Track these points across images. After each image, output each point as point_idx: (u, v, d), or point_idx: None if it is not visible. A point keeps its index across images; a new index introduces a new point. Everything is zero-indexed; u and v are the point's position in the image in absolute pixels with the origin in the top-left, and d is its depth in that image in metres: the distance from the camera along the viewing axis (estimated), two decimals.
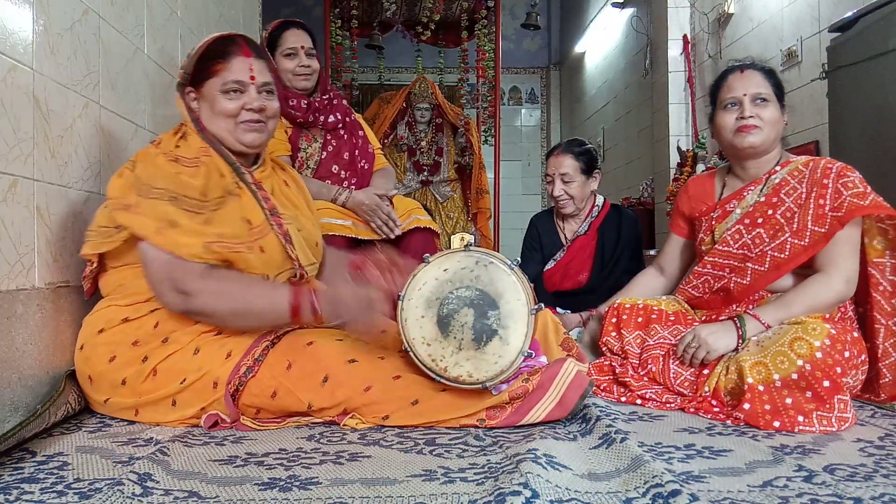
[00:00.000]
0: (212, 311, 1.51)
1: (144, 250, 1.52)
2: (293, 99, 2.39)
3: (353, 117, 2.55)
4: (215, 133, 1.66)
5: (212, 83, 1.64)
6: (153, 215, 1.49)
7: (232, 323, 1.54)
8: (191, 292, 1.49)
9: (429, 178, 4.89)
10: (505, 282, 1.47)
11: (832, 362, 1.48)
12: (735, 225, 1.86)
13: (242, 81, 1.64)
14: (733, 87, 1.85)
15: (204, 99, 1.66)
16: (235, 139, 1.66)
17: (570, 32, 6.91)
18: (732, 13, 3.69)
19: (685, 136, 4.10)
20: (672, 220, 2.12)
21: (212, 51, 1.65)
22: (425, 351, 1.46)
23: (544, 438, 1.33)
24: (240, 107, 1.64)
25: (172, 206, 1.51)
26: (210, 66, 1.64)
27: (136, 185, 1.53)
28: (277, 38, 2.41)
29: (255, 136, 1.68)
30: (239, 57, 1.65)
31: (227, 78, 1.63)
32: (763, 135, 1.82)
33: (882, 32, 2.12)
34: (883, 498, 1.03)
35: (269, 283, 1.59)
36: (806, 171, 1.80)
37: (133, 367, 1.53)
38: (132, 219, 1.51)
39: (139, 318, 1.57)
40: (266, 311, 1.52)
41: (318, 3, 6.45)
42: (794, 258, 1.76)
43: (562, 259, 2.64)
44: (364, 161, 2.50)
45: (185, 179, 1.54)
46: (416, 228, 2.35)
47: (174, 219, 1.50)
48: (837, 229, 1.69)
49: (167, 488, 1.09)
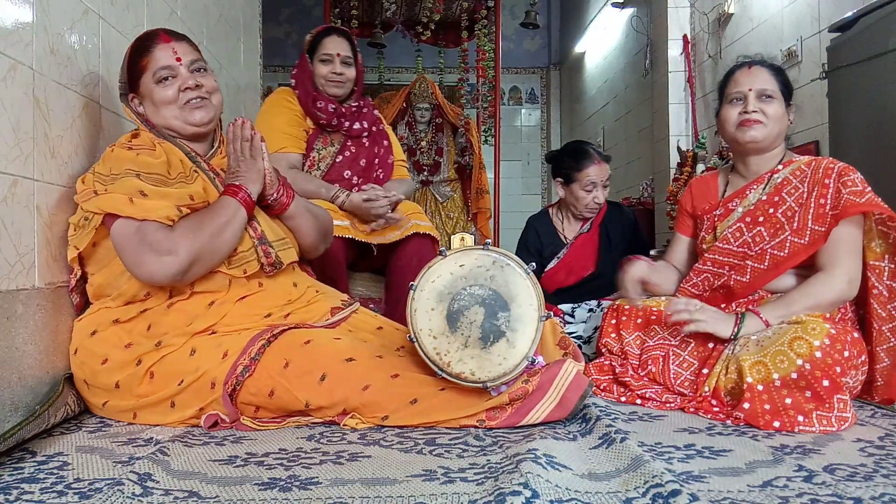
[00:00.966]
0: (197, 251, 1.53)
1: (117, 229, 1.53)
2: (321, 101, 2.41)
3: (382, 127, 2.57)
4: (165, 124, 1.71)
5: (145, 79, 1.69)
6: (122, 190, 1.53)
7: (215, 250, 1.57)
8: (171, 248, 1.51)
9: (429, 178, 4.89)
10: (519, 285, 1.48)
11: (832, 362, 1.48)
12: (736, 223, 1.86)
13: (170, 66, 1.68)
14: (739, 82, 1.86)
15: (144, 98, 1.71)
16: (184, 122, 1.71)
17: (570, 32, 6.91)
18: (732, 13, 3.68)
19: (685, 136, 4.10)
20: (678, 220, 2.12)
21: (136, 50, 1.70)
22: (431, 344, 1.47)
23: (544, 438, 1.33)
24: (177, 90, 1.69)
25: (139, 180, 1.55)
26: (138, 64, 1.69)
27: (99, 178, 1.57)
28: (318, 43, 2.45)
29: (203, 113, 1.72)
30: (159, 45, 1.69)
31: (155, 67, 1.68)
32: (766, 130, 1.82)
33: (882, 32, 2.12)
34: (883, 498, 1.03)
35: (213, 204, 1.63)
36: (808, 171, 1.80)
37: (126, 370, 1.53)
38: (101, 201, 1.53)
39: (130, 319, 1.58)
40: (228, 217, 1.59)
41: (318, 3, 6.46)
42: (793, 256, 1.76)
43: (565, 257, 2.65)
44: (381, 170, 2.50)
45: (145, 158, 1.59)
46: (414, 234, 2.35)
47: (142, 189, 1.54)
48: (833, 226, 1.70)
49: (167, 488, 1.09)
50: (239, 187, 1.64)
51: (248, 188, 1.65)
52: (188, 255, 1.52)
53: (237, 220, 1.61)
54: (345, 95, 2.46)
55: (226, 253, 1.60)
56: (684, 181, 3.55)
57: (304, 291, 1.76)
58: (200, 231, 1.54)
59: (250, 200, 1.65)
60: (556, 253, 2.66)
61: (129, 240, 1.51)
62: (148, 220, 1.51)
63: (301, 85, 2.45)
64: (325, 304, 1.77)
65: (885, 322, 1.72)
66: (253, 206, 1.67)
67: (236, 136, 1.67)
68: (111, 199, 1.52)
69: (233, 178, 1.67)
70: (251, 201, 1.65)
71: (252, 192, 1.66)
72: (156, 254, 1.50)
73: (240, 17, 3.30)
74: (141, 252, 1.51)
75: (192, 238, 1.53)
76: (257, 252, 1.66)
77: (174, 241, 1.51)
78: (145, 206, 1.52)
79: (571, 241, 2.66)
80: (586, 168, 2.56)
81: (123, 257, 1.54)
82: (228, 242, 1.59)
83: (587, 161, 2.57)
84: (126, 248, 1.52)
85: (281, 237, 1.73)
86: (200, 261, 1.55)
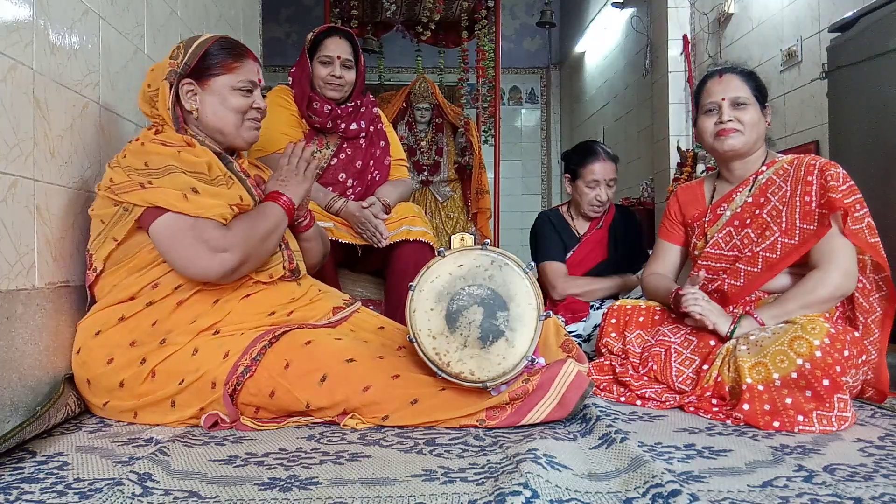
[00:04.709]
0: (249, 252, 1.58)
1: (166, 224, 1.52)
2: (318, 103, 2.39)
3: (381, 126, 2.53)
4: (218, 126, 1.72)
5: (224, 79, 1.70)
6: (173, 185, 1.53)
7: (263, 252, 1.64)
8: (227, 247, 1.54)
9: (429, 178, 4.89)
10: (518, 285, 1.47)
11: (832, 361, 1.48)
12: (725, 227, 1.87)
13: (254, 82, 1.75)
14: (712, 92, 1.88)
15: (210, 93, 1.70)
16: (239, 135, 1.74)
17: (570, 32, 6.91)
18: (732, 13, 3.69)
19: (685, 136, 4.10)
20: (664, 227, 2.10)
21: (227, 49, 1.72)
22: (430, 344, 1.47)
23: (544, 438, 1.33)
24: (249, 105, 1.73)
25: (188, 177, 1.56)
26: (222, 63, 1.70)
27: (138, 170, 1.55)
28: (319, 44, 2.42)
29: (255, 134, 1.79)
30: (250, 59, 1.76)
31: (242, 76, 1.72)
32: (743, 138, 1.84)
33: (882, 32, 2.12)
34: (883, 498, 1.03)
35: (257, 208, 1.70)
36: (790, 169, 1.82)
37: (131, 368, 1.53)
38: (150, 194, 1.53)
39: (135, 314, 1.57)
40: (276, 223, 1.67)
41: (318, 3, 6.46)
42: (785, 257, 1.76)
43: (578, 250, 2.69)
44: (377, 172, 2.48)
45: (187, 156, 1.59)
46: (406, 240, 2.31)
47: (194, 186, 1.55)
48: (824, 223, 1.70)
49: (167, 488, 1.09)
50: (284, 196, 1.72)
51: (294, 199, 1.73)
52: (241, 255, 1.56)
53: (281, 228, 1.69)
54: (343, 98, 2.43)
55: (268, 256, 1.67)
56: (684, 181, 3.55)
57: (306, 290, 1.77)
58: (253, 232, 1.59)
59: (291, 211, 1.73)
60: (570, 247, 2.70)
61: (183, 235, 1.52)
62: (203, 217, 1.53)
63: (298, 84, 2.42)
64: (328, 304, 1.78)
65: (868, 314, 1.73)
66: (293, 216, 1.75)
67: (296, 154, 1.76)
68: (162, 193, 1.52)
69: (281, 187, 1.74)
70: (292, 212, 1.73)
71: (296, 203, 1.74)
72: (212, 251, 1.53)
73: (240, 17, 3.30)
74: (196, 248, 1.52)
75: (246, 238, 1.57)
76: (283, 256, 1.72)
77: (229, 240, 1.55)
78: (201, 203, 1.53)
79: (583, 235, 2.70)
80: (591, 164, 2.61)
81: (172, 252, 1.54)
82: (272, 247, 1.67)
83: (592, 158, 2.62)
84: (177, 243, 1.52)
85: (296, 249, 1.82)
86: (249, 261, 1.60)
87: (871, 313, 1.74)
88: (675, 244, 2.07)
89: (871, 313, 1.74)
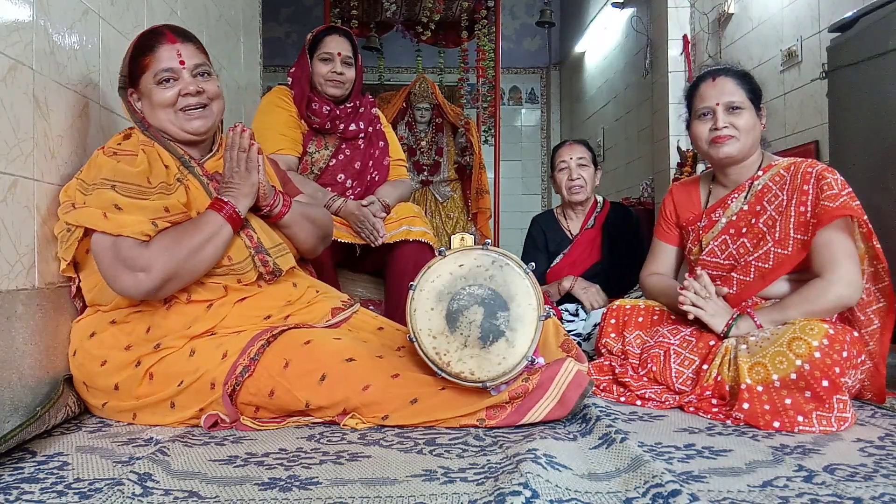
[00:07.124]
0: (172, 269, 1.50)
1: (95, 243, 1.52)
2: (317, 103, 2.39)
3: (379, 127, 2.53)
4: (160, 126, 1.67)
5: (145, 78, 1.65)
6: (97, 204, 1.51)
7: (193, 267, 1.54)
8: (145, 266, 1.49)
9: (429, 178, 4.89)
10: (518, 285, 1.48)
11: (831, 362, 1.48)
12: (720, 235, 1.85)
13: (173, 68, 1.64)
14: (706, 97, 1.82)
15: (143, 96, 1.67)
16: (179, 128, 1.67)
17: (570, 32, 6.91)
18: (732, 13, 3.68)
19: (685, 136, 4.06)
20: (660, 227, 2.07)
21: (140, 47, 1.66)
22: (430, 343, 1.47)
23: (544, 438, 1.33)
24: (176, 94, 1.64)
25: (114, 192, 1.52)
26: (140, 62, 1.65)
27: (80, 186, 1.55)
28: (319, 42, 2.42)
29: (201, 123, 1.68)
30: (164, 45, 1.64)
31: (156, 68, 1.63)
32: (739, 144, 1.80)
33: (882, 32, 2.12)
34: (883, 498, 1.03)
35: (193, 219, 1.59)
36: (787, 176, 1.78)
37: (125, 371, 1.53)
38: (79, 214, 1.51)
39: (127, 320, 1.58)
40: (211, 233, 1.55)
41: (318, 3, 6.46)
42: (778, 267, 1.74)
43: (570, 252, 2.70)
44: (376, 173, 2.48)
45: (123, 167, 1.56)
46: (406, 240, 2.31)
47: (117, 202, 1.51)
48: (813, 235, 1.67)
49: (167, 488, 1.09)
50: (226, 203, 1.59)
51: (238, 203, 1.60)
52: (162, 273, 1.50)
53: (220, 237, 1.57)
54: (343, 96, 2.43)
55: (205, 269, 1.57)
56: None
57: (303, 292, 1.75)
58: (177, 248, 1.51)
59: (237, 216, 1.60)
60: (562, 249, 2.71)
61: (105, 254, 1.51)
62: (122, 235, 1.49)
63: (297, 84, 2.41)
64: (326, 305, 1.76)
65: (863, 326, 1.70)
66: (240, 221, 1.62)
67: (234, 144, 1.63)
68: (86, 213, 1.51)
69: (224, 191, 1.62)
70: (238, 217, 1.60)
71: (241, 207, 1.61)
72: (130, 270, 1.49)
73: (240, 17, 3.30)
74: (115, 267, 1.50)
75: (168, 256, 1.50)
76: (254, 261, 1.64)
77: (148, 258, 1.49)
78: (119, 221, 1.49)
79: (576, 235, 2.72)
80: (559, 150, 2.76)
81: (101, 271, 1.53)
82: (208, 259, 1.56)
83: (560, 146, 2.79)
84: (102, 262, 1.52)
85: (278, 243, 1.71)
86: (176, 278, 1.53)
87: (868, 325, 1.69)
88: (671, 245, 2.06)
89: (868, 325, 1.69)
